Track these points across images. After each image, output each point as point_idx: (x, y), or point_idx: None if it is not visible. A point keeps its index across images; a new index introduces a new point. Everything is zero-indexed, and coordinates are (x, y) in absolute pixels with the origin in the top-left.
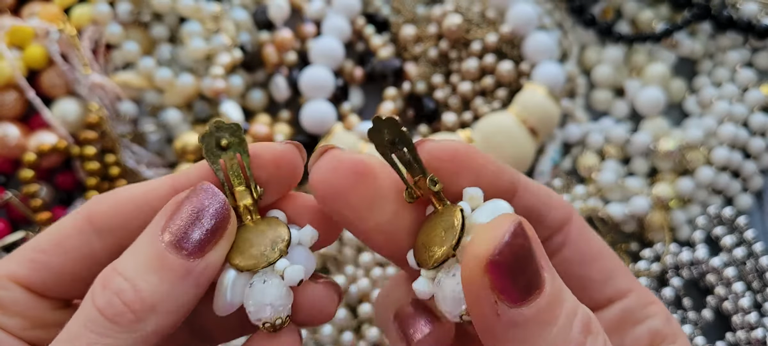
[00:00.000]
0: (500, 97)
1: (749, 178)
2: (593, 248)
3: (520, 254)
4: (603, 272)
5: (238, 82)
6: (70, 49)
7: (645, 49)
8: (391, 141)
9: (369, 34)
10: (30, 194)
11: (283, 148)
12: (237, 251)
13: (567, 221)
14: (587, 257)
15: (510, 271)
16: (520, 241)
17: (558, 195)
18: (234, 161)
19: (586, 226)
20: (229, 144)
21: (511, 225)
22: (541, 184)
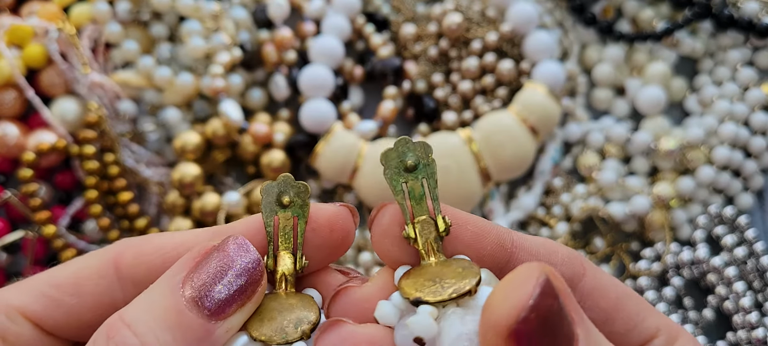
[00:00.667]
0: (500, 96)
1: (750, 177)
2: (612, 298)
3: (549, 318)
4: (627, 321)
5: (238, 81)
6: (70, 48)
7: (646, 48)
8: (410, 167)
9: (369, 32)
10: (29, 193)
11: (337, 211)
12: (257, 317)
13: (579, 277)
14: (608, 313)
15: (538, 338)
16: (549, 301)
17: (564, 247)
18: (289, 222)
19: (601, 273)
20: (290, 203)
21: (538, 283)
22: (540, 239)
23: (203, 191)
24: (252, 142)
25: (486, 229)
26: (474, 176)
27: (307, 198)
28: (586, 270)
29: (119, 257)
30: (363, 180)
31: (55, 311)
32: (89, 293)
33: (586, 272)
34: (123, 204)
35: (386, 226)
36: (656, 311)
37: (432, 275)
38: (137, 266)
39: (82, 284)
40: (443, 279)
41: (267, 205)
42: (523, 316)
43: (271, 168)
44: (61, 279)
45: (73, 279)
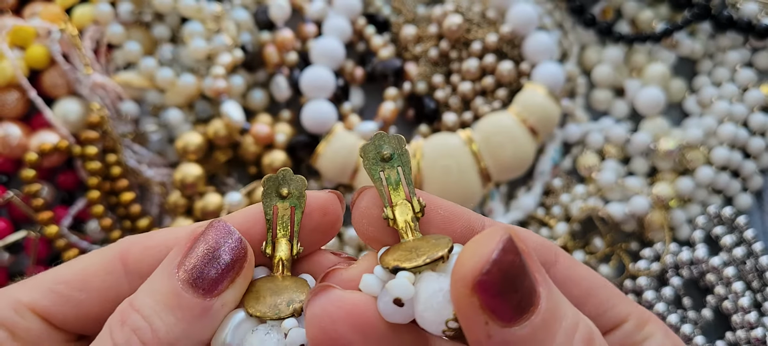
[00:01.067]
0: (500, 97)
1: (749, 177)
2: (583, 286)
3: (510, 271)
4: (597, 306)
5: (239, 82)
6: (72, 49)
7: (645, 49)
8: (386, 157)
9: (369, 34)
10: (31, 194)
11: (328, 197)
12: (253, 297)
13: (549, 265)
14: (579, 299)
15: (500, 289)
16: (510, 257)
17: (537, 236)
18: (286, 212)
19: (573, 263)
20: (288, 195)
21: (500, 241)
22: (511, 226)
23: (205, 191)
24: (253, 143)
25: (456, 213)
26: (474, 176)
27: (304, 190)
28: (557, 258)
29: (125, 253)
30: (363, 180)
31: (63, 306)
32: (97, 288)
33: (558, 261)
34: (125, 204)
35: (364, 208)
36: (627, 299)
37: (409, 248)
38: (143, 261)
39: (90, 280)
40: (419, 250)
41: (267, 195)
42: (487, 269)
43: (273, 169)
44: (69, 276)
45: (81, 276)
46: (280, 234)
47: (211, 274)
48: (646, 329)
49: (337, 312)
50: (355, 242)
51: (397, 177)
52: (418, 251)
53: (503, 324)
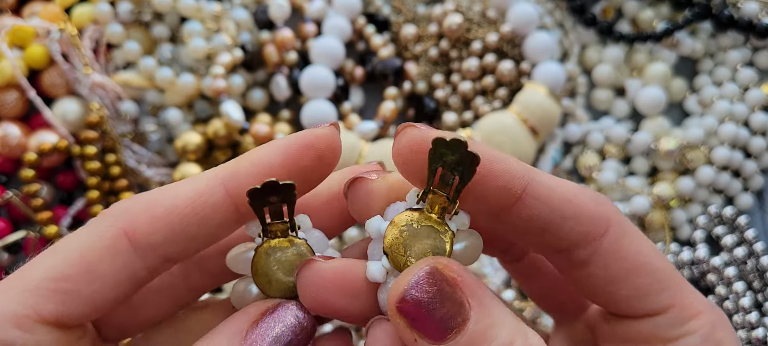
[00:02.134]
0: (501, 97)
1: (750, 177)
2: (628, 263)
3: (431, 296)
4: (635, 289)
5: (239, 82)
6: (71, 49)
7: (646, 49)
8: (453, 164)
9: (369, 33)
10: (31, 194)
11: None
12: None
13: (596, 235)
14: (618, 275)
15: (417, 315)
16: (430, 285)
17: (593, 201)
18: (450, 176)
19: (626, 236)
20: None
21: (421, 271)
22: (568, 188)
23: None
24: (253, 143)
25: (495, 171)
26: None
27: (293, 196)
28: (608, 230)
29: (131, 229)
30: None
31: (73, 304)
32: (106, 274)
33: (608, 233)
34: None
35: (414, 142)
36: (686, 289)
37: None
38: (155, 233)
39: (95, 269)
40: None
41: (255, 204)
42: (403, 297)
43: None
44: (69, 270)
45: (84, 266)
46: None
47: None
48: (690, 324)
49: (322, 282)
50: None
51: (451, 180)
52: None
53: (430, 342)
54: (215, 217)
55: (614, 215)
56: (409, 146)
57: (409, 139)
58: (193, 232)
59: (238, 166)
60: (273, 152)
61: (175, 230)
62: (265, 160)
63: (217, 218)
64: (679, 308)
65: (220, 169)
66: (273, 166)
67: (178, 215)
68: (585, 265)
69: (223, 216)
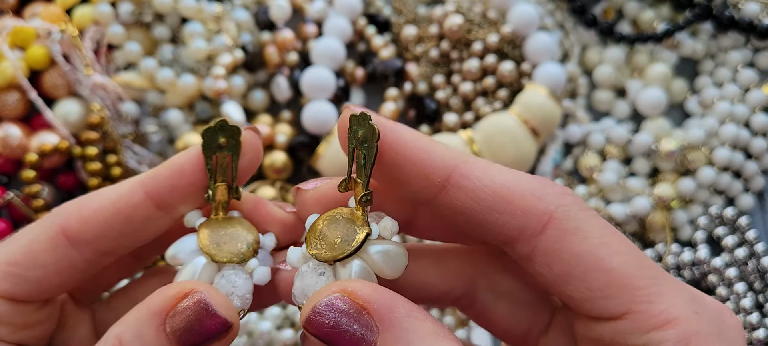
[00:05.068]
0: (501, 98)
1: (751, 178)
2: (574, 263)
3: (337, 320)
4: (586, 290)
5: (240, 83)
6: (72, 50)
7: (646, 50)
8: (362, 141)
9: (370, 34)
10: (32, 195)
11: (247, 135)
12: (212, 242)
13: (533, 232)
14: (563, 275)
15: (328, 334)
16: (337, 309)
17: (532, 193)
18: (225, 160)
19: (576, 233)
20: (226, 144)
21: (332, 296)
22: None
23: None
24: None
25: (415, 157)
26: None
27: (239, 137)
28: (548, 226)
29: (66, 226)
30: None
31: (22, 285)
32: (48, 262)
33: (547, 229)
34: None
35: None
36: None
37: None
38: (85, 231)
39: (40, 257)
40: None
41: (207, 146)
42: (309, 319)
43: (273, 169)
44: (18, 256)
45: (30, 255)
46: (219, 180)
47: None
48: (649, 335)
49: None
50: None
51: (362, 162)
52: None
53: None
54: (137, 216)
55: (558, 209)
56: (341, 125)
57: (342, 119)
58: (119, 229)
59: (156, 171)
60: (187, 157)
61: (102, 228)
62: (178, 163)
63: (139, 217)
64: (640, 315)
65: (141, 175)
66: (186, 169)
67: (104, 215)
68: (528, 261)
69: (145, 215)
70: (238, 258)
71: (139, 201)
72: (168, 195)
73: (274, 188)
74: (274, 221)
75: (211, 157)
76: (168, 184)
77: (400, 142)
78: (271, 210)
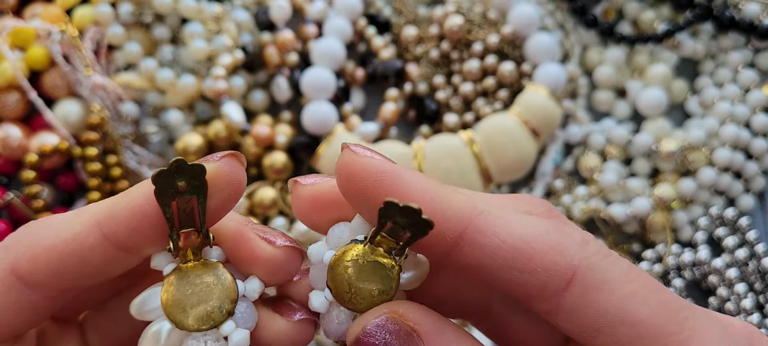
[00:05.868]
0: (502, 98)
1: (751, 179)
2: (600, 318)
3: (383, 344)
4: (617, 344)
5: (240, 83)
6: (72, 50)
7: (647, 50)
8: (404, 225)
9: (370, 34)
10: (32, 195)
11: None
12: (177, 304)
13: (555, 289)
14: (589, 330)
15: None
16: (387, 332)
17: (553, 249)
18: (188, 205)
19: (600, 287)
20: (186, 188)
21: (380, 318)
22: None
23: None
24: (254, 144)
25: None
26: (475, 177)
27: (204, 177)
28: (572, 283)
29: (16, 266)
30: None
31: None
32: (4, 305)
33: (571, 286)
34: None
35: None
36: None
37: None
38: (37, 272)
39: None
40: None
41: (161, 193)
42: (357, 338)
43: (273, 170)
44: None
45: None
46: (186, 229)
47: None
48: None
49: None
50: None
51: (401, 234)
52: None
53: None
54: (95, 258)
55: (581, 263)
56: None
57: (345, 165)
58: (76, 271)
59: (115, 209)
60: (147, 197)
61: (57, 269)
62: (138, 203)
63: (97, 258)
64: None
65: (96, 210)
66: (148, 211)
67: (58, 255)
68: (551, 316)
69: (104, 257)
70: (208, 324)
71: (97, 242)
72: (128, 238)
73: (274, 188)
74: (259, 261)
75: (169, 204)
76: (127, 227)
77: (405, 191)
78: (255, 247)
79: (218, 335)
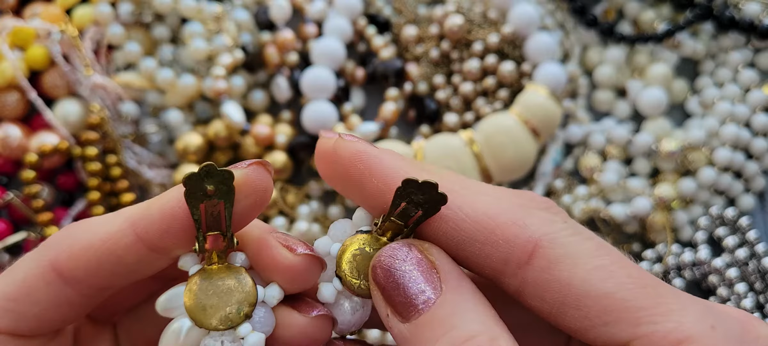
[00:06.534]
0: (502, 98)
1: (751, 178)
2: (566, 292)
3: (405, 270)
4: (582, 319)
5: (240, 83)
6: (72, 50)
7: (647, 50)
8: (419, 202)
9: (370, 34)
10: (32, 195)
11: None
12: (198, 303)
13: (518, 262)
14: (556, 305)
15: (392, 283)
16: (407, 259)
17: (514, 222)
18: (216, 208)
19: (564, 260)
20: (214, 192)
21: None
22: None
23: None
24: (254, 144)
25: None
26: (475, 177)
27: (231, 182)
28: (533, 256)
29: (55, 262)
30: None
31: (23, 322)
32: (42, 300)
33: (533, 259)
34: (125, 205)
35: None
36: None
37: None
38: (76, 269)
39: (34, 293)
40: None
41: (191, 195)
42: (379, 257)
43: (273, 169)
44: (14, 292)
45: (25, 290)
46: (212, 232)
47: None
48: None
49: None
50: None
51: (411, 213)
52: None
53: (399, 319)
54: (128, 257)
55: (543, 237)
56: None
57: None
58: (111, 269)
59: (148, 211)
60: (179, 200)
61: (93, 266)
62: (169, 206)
63: (131, 257)
64: (647, 339)
65: (131, 212)
66: (178, 213)
67: (94, 253)
68: (520, 295)
69: (137, 257)
70: (226, 324)
71: (130, 243)
72: (159, 239)
73: (275, 188)
74: (279, 268)
75: (197, 207)
76: (159, 228)
77: (380, 169)
78: (276, 254)
79: (235, 336)
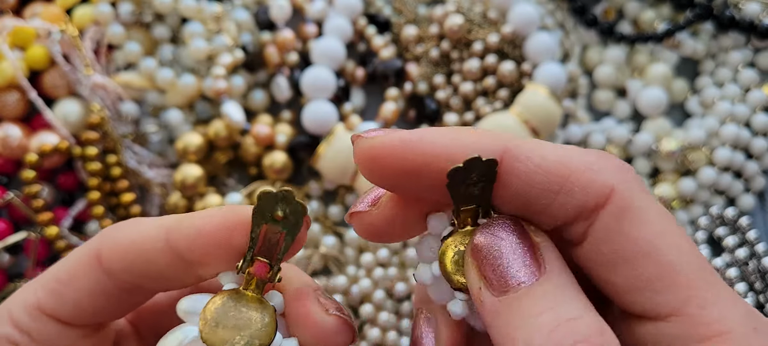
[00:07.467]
0: (502, 98)
1: (751, 178)
2: (626, 247)
3: (493, 247)
4: (632, 279)
5: (240, 83)
6: (72, 50)
7: (647, 50)
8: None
9: (370, 34)
10: (32, 195)
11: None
12: (214, 319)
13: (590, 208)
14: (611, 259)
15: (491, 255)
16: (497, 235)
17: (589, 167)
18: (275, 236)
19: (635, 214)
20: (282, 219)
21: (495, 220)
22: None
23: (205, 192)
24: (254, 144)
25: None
26: None
27: (301, 218)
28: (607, 203)
29: (100, 250)
30: (364, 181)
31: (62, 304)
32: (83, 286)
33: (607, 206)
34: (125, 205)
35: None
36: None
37: None
38: (113, 260)
39: (76, 278)
40: None
41: (258, 213)
42: (477, 238)
43: (273, 169)
44: (62, 274)
45: (71, 273)
46: (262, 254)
47: None
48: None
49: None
50: (355, 243)
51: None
52: None
53: (492, 292)
54: (158, 261)
55: (619, 185)
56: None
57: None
58: (142, 268)
59: (181, 222)
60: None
61: (127, 262)
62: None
63: (160, 262)
64: (689, 320)
65: (170, 220)
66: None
67: (131, 248)
68: (579, 244)
69: (167, 262)
70: None
71: (161, 247)
72: (188, 251)
73: (274, 188)
74: (309, 325)
75: (259, 225)
76: (187, 240)
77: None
78: (311, 311)
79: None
